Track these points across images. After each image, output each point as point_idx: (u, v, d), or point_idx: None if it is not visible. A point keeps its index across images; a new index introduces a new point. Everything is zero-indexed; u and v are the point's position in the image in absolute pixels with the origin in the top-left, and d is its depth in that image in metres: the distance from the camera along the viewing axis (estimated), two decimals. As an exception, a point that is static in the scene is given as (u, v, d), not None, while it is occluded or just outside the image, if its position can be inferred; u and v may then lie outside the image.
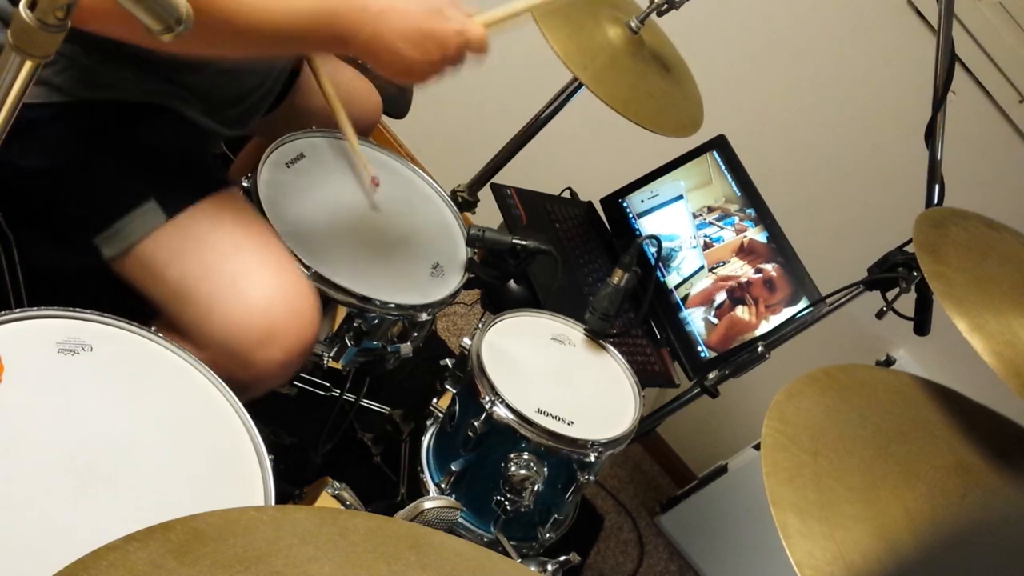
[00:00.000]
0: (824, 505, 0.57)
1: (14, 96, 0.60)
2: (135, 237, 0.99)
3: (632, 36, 1.44)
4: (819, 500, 0.58)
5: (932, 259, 0.77)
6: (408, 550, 0.51)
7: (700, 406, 1.49)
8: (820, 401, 0.70)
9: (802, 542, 0.54)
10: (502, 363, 1.16)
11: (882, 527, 0.58)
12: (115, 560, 0.41)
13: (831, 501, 0.58)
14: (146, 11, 0.57)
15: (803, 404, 0.68)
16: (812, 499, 0.57)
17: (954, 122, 1.26)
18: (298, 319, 1.01)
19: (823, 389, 0.71)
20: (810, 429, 0.64)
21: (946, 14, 1.21)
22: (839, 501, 0.58)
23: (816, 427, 0.65)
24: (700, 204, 1.63)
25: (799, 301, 1.45)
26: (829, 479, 0.60)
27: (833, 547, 0.55)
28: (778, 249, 1.51)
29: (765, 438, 0.61)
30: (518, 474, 1.11)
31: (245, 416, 0.86)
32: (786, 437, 0.62)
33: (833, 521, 0.57)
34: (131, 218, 0.99)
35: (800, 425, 0.64)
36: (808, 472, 0.60)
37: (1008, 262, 0.82)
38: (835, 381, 0.74)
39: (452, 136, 2.36)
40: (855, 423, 0.68)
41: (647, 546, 2.23)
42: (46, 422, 0.74)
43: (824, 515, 0.57)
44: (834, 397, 0.71)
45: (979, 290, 0.74)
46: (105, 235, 1.00)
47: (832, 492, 0.59)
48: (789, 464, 0.60)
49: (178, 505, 0.75)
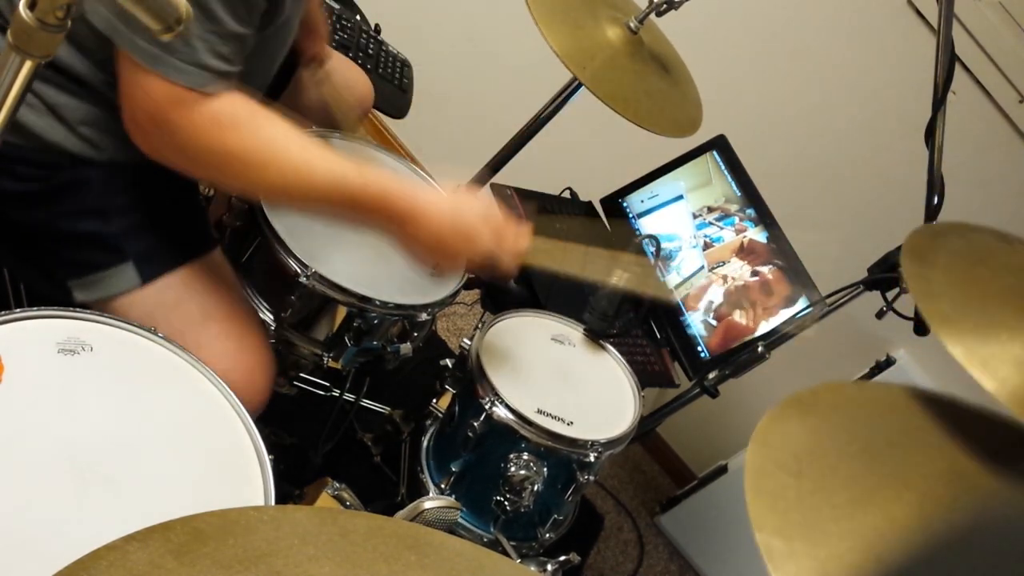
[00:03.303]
0: (808, 525, 0.58)
1: (14, 96, 0.60)
2: (108, 293, 1.02)
3: (631, 36, 1.44)
4: (802, 521, 0.58)
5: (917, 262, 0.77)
6: (408, 550, 0.51)
7: (700, 406, 1.49)
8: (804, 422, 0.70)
9: (786, 564, 0.54)
10: (502, 363, 1.16)
11: (868, 542, 0.58)
12: (115, 560, 0.41)
13: (815, 521, 0.58)
14: (146, 11, 0.56)
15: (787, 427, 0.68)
16: (795, 520, 0.58)
17: (954, 122, 1.26)
18: (251, 389, 1.06)
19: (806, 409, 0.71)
20: (794, 451, 0.65)
21: (946, 14, 1.21)
22: (823, 520, 0.59)
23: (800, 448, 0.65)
24: (700, 204, 1.63)
25: (799, 301, 1.45)
26: (813, 499, 0.60)
27: (817, 566, 0.55)
28: (778, 249, 1.51)
29: (748, 464, 0.61)
30: (518, 474, 1.11)
31: (245, 416, 0.86)
32: (770, 461, 0.62)
33: (817, 540, 0.57)
34: (106, 275, 1.01)
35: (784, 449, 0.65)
36: (792, 494, 0.60)
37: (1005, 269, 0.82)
38: (820, 400, 0.74)
39: (452, 136, 2.36)
40: (841, 440, 0.69)
41: (647, 546, 2.23)
42: (46, 422, 0.74)
43: (808, 535, 0.57)
44: (818, 417, 0.71)
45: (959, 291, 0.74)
46: (79, 282, 1.02)
47: (816, 511, 0.59)
48: (772, 487, 0.60)
49: (178, 505, 0.75)
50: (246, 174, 0.92)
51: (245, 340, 1.08)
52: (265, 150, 0.90)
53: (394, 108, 1.70)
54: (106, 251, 1.01)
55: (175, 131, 0.88)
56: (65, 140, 0.97)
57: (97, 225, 1.01)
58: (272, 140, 0.91)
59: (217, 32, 0.85)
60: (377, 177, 0.95)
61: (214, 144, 0.89)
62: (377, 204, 0.95)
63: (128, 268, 1.02)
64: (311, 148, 0.92)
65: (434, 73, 1.95)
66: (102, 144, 0.99)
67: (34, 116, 0.95)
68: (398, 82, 1.73)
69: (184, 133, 0.88)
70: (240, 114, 0.90)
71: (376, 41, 1.74)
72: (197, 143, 0.89)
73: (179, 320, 1.03)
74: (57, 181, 0.99)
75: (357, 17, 1.77)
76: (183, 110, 0.86)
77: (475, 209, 0.99)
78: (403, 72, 1.76)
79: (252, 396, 1.06)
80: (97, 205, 1.01)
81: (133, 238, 1.02)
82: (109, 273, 1.01)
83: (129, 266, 1.02)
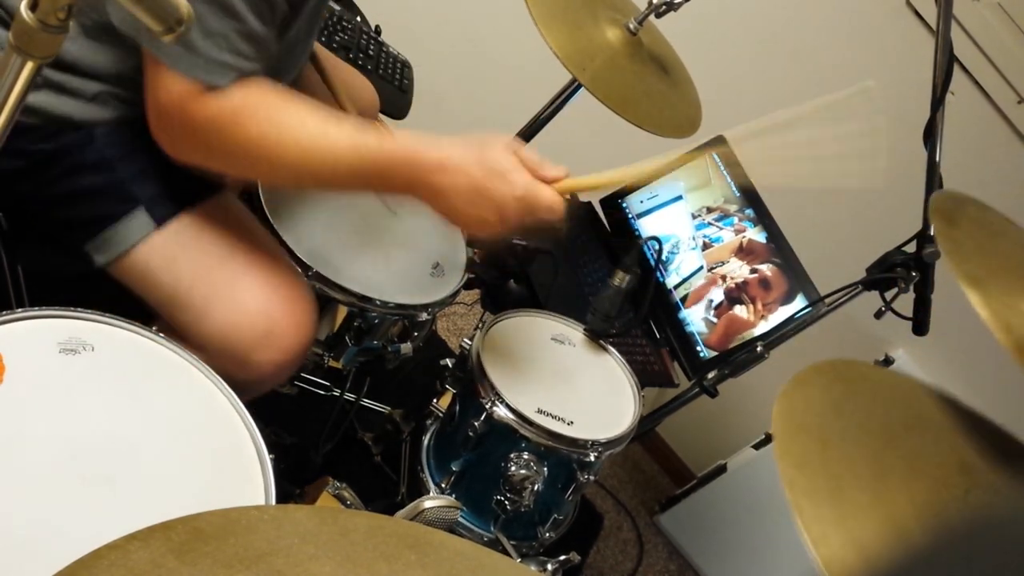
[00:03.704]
0: (834, 492, 0.58)
1: (15, 96, 0.61)
2: (125, 246, 0.99)
3: (631, 37, 1.44)
4: (828, 487, 0.58)
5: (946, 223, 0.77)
6: (408, 549, 0.51)
7: (699, 406, 1.49)
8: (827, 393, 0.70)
9: (816, 525, 0.54)
10: (502, 363, 1.16)
11: (891, 516, 0.58)
12: (116, 559, 0.41)
13: (841, 488, 0.58)
14: (146, 11, 0.57)
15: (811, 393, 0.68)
16: (822, 485, 0.58)
17: (953, 123, 1.26)
18: (295, 320, 1.01)
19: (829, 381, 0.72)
20: (818, 419, 0.65)
21: (945, 15, 1.21)
22: (849, 488, 0.59)
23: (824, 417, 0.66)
24: (699, 204, 1.63)
25: (798, 301, 1.45)
26: (838, 467, 0.60)
27: (844, 532, 0.55)
28: (777, 249, 1.52)
29: (776, 424, 0.61)
30: (518, 474, 1.11)
31: (246, 415, 0.86)
32: (796, 425, 0.63)
33: (843, 507, 0.57)
34: (120, 227, 0.99)
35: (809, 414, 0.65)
36: (817, 460, 0.60)
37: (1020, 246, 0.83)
38: (839, 375, 0.74)
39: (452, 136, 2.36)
40: (861, 416, 0.69)
41: (646, 545, 2.23)
42: (47, 422, 0.74)
43: (834, 501, 0.57)
44: (840, 390, 0.71)
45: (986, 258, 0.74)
46: (95, 243, 1.00)
47: (841, 480, 0.59)
48: (799, 451, 0.60)
49: (179, 504, 0.75)
50: (269, 161, 0.90)
51: (278, 270, 1.03)
52: (284, 133, 0.89)
53: (394, 108, 1.70)
54: (115, 201, 0.99)
55: (197, 127, 0.88)
56: (75, 110, 0.96)
57: (103, 178, 1.00)
58: (290, 121, 0.89)
59: (239, 30, 0.85)
60: (394, 137, 0.93)
61: (237, 136, 0.88)
62: (402, 163, 0.92)
63: (140, 213, 0.99)
64: (330, 123, 0.90)
65: (434, 73, 1.95)
66: (114, 108, 0.98)
67: (40, 97, 0.94)
68: (398, 83, 1.73)
69: (206, 128, 0.88)
70: (258, 102, 0.89)
71: (376, 42, 1.74)
72: (219, 137, 0.88)
73: (204, 258, 1.00)
74: (59, 145, 0.98)
75: (358, 18, 1.77)
76: (202, 106, 0.86)
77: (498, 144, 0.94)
78: (403, 73, 1.76)
79: (297, 328, 1.02)
80: (101, 158, 0.99)
81: (141, 183, 1.00)
82: (122, 224, 0.99)
83: (141, 211, 0.99)
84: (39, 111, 0.94)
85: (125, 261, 1.00)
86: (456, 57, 2.27)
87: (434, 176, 0.92)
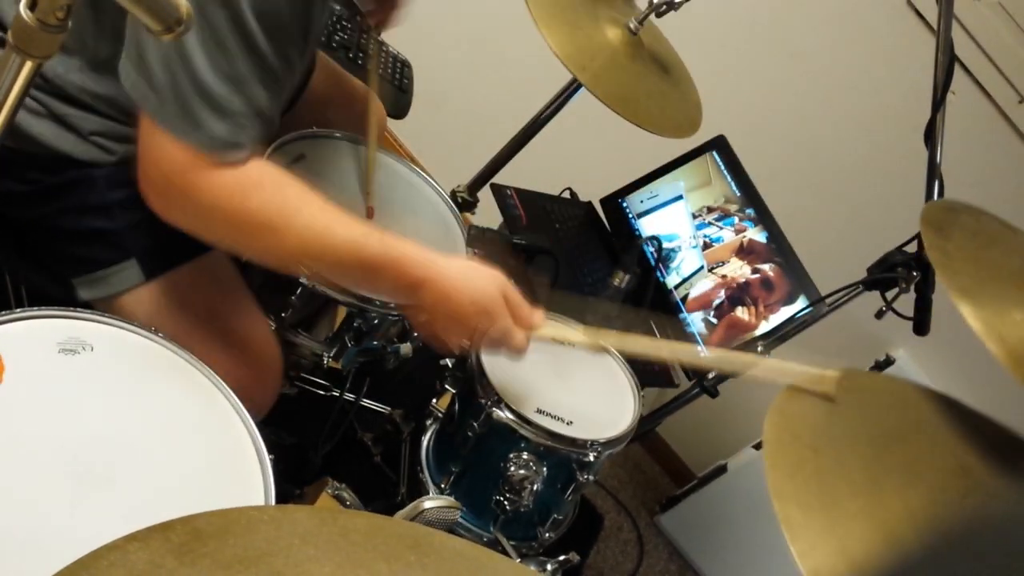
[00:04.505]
0: (826, 500, 0.58)
1: (14, 96, 0.61)
2: (112, 291, 1.01)
3: (631, 37, 1.44)
4: (820, 495, 0.58)
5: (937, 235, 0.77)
6: (408, 550, 0.51)
7: (700, 406, 1.49)
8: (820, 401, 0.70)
9: (804, 534, 0.54)
10: (501, 363, 1.16)
11: (884, 523, 0.58)
12: (115, 560, 0.41)
13: (832, 496, 0.58)
14: (146, 11, 0.56)
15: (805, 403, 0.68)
16: (814, 493, 0.58)
17: (953, 122, 1.26)
18: (261, 384, 1.07)
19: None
20: (811, 427, 0.65)
21: (945, 14, 1.21)
22: (841, 496, 0.59)
23: (817, 425, 0.66)
24: (700, 204, 1.63)
25: (798, 301, 1.45)
26: (830, 475, 0.60)
27: (835, 541, 0.55)
28: (777, 249, 1.52)
29: (767, 434, 0.61)
30: (517, 474, 1.11)
31: (245, 416, 0.86)
32: (788, 433, 0.63)
33: (835, 515, 0.57)
34: (111, 273, 1.01)
35: (802, 422, 0.65)
36: (810, 468, 0.60)
37: (1014, 253, 0.83)
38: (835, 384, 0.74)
39: (452, 136, 2.36)
40: (855, 423, 0.69)
41: (647, 546, 2.23)
42: (47, 422, 0.74)
43: (826, 509, 0.57)
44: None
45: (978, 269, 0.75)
46: (82, 279, 1.01)
47: (833, 488, 0.59)
48: (791, 459, 0.60)
49: (178, 504, 0.75)
50: (264, 238, 0.89)
51: (252, 338, 1.07)
52: (285, 213, 0.88)
53: (394, 108, 1.70)
54: (110, 248, 1.01)
55: (198, 195, 0.85)
56: (74, 148, 0.97)
57: (101, 222, 1.01)
58: (291, 203, 0.89)
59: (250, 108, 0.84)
60: (396, 242, 0.93)
61: (237, 208, 0.86)
62: (395, 268, 0.93)
63: (131, 265, 1.01)
64: (330, 211, 0.90)
65: (434, 73, 1.95)
66: (112, 149, 0.99)
67: (43, 127, 0.94)
68: (398, 82, 1.73)
69: (207, 197, 0.85)
70: (263, 178, 0.88)
71: (376, 42, 1.74)
72: (220, 207, 0.86)
73: (184, 318, 1.02)
74: (62, 180, 0.99)
75: (357, 18, 1.77)
76: (207, 175, 0.84)
77: (493, 282, 0.96)
78: (403, 72, 1.76)
79: (261, 395, 1.06)
80: (102, 202, 1.01)
81: (137, 235, 1.01)
82: (113, 270, 1.01)
83: (132, 263, 1.01)
84: (41, 143, 0.95)
85: (109, 303, 1.02)
86: (456, 57, 2.27)
87: (421, 291, 0.94)
